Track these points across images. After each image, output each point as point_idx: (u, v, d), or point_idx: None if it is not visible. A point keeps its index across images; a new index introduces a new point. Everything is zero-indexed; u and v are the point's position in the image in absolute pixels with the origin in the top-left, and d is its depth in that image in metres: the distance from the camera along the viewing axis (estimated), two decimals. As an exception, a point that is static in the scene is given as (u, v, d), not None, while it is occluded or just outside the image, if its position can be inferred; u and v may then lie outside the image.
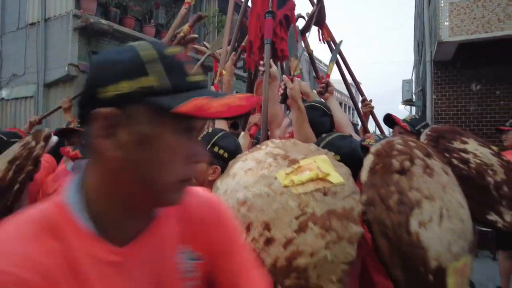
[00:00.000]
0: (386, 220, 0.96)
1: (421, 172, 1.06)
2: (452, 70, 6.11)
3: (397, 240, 0.94)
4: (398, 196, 0.99)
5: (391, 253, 0.93)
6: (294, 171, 1.08)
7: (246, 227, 0.99)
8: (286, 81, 1.60)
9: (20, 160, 1.53)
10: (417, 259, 0.92)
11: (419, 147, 1.17)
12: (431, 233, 0.94)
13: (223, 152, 1.46)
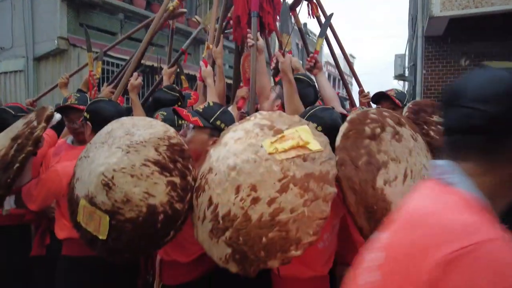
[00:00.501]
0: (354, 177, 1.12)
1: (390, 138, 1.20)
2: (442, 45, 6.18)
3: (363, 193, 1.09)
4: (367, 157, 1.14)
5: (357, 205, 1.09)
6: (278, 140, 1.21)
7: (235, 188, 1.13)
8: (278, 55, 1.69)
9: (21, 139, 1.56)
10: (381, 211, 1.07)
11: (392, 116, 1.30)
12: (395, 190, 1.10)
13: (224, 126, 1.55)
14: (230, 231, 1.10)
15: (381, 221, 1.07)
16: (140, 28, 3.38)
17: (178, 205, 1.28)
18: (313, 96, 1.87)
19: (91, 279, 1.70)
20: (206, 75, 2.12)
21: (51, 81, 7.01)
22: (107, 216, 1.28)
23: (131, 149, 1.32)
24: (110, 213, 1.27)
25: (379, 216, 1.08)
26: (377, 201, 1.09)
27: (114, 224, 1.27)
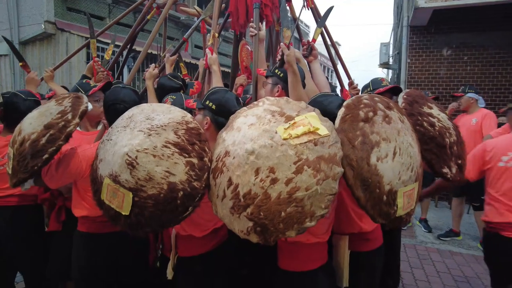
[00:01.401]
0: (351, 155, 1.28)
1: (381, 120, 1.37)
2: (426, 35, 6.41)
3: (359, 169, 1.26)
4: (362, 138, 1.31)
5: (355, 179, 1.26)
6: (291, 126, 1.35)
7: (255, 171, 1.26)
8: (283, 48, 1.82)
9: (54, 131, 1.56)
10: (374, 183, 1.25)
11: (381, 101, 1.46)
12: (386, 165, 1.28)
13: (212, 105, 1.68)
14: (252, 208, 1.24)
15: (374, 192, 1.26)
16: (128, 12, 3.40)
17: (196, 183, 1.38)
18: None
19: (105, 254, 1.82)
20: (212, 62, 2.23)
21: (38, 65, 6.90)
22: (130, 193, 1.36)
23: (152, 132, 1.42)
24: (133, 190, 1.35)
25: (373, 188, 1.26)
26: (371, 175, 1.25)
27: (137, 201, 1.35)
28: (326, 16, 2.52)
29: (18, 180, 1.61)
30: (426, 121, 1.58)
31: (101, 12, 7.62)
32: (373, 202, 1.26)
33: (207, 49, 2.30)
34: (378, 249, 1.76)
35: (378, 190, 1.26)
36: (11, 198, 2.10)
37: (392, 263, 2.13)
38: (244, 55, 2.86)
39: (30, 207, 2.18)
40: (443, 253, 4.01)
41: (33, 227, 2.20)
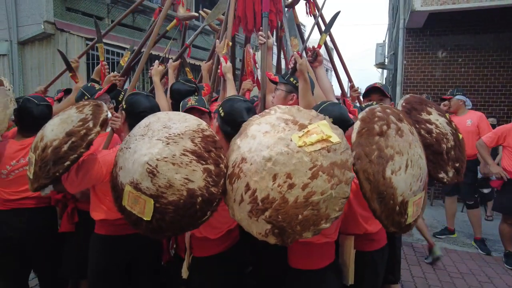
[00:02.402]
0: (369, 169, 1.36)
1: (394, 134, 1.46)
2: (422, 37, 6.54)
3: (376, 182, 1.34)
4: (378, 152, 1.39)
5: (371, 192, 1.35)
6: (305, 134, 1.43)
7: (272, 177, 1.34)
8: (296, 57, 1.91)
9: (76, 138, 1.59)
10: (389, 195, 1.35)
11: (393, 113, 1.55)
12: (399, 178, 1.37)
13: (222, 112, 1.75)
14: (270, 211, 1.32)
15: (389, 204, 1.35)
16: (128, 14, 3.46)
17: (214, 189, 1.44)
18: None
19: (122, 255, 1.90)
20: (226, 71, 2.31)
21: (37, 66, 6.90)
22: (151, 200, 1.41)
23: (170, 140, 1.48)
24: (154, 197, 1.41)
25: (388, 200, 1.35)
26: (387, 188, 1.34)
27: (158, 207, 1.41)
28: (333, 22, 2.58)
29: (39, 185, 1.65)
30: (424, 129, 1.67)
31: (100, 12, 7.62)
32: (387, 213, 1.35)
33: (221, 58, 2.37)
34: (382, 248, 1.86)
35: (392, 201, 1.35)
36: (26, 201, 2.16)
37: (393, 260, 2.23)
38: (248, 59, 2.94)
39: (44, 209, 2.24)
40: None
41: (47, 228, 2.26)
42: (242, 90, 2.79)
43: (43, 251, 2.24)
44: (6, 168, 2.11)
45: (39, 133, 1.76)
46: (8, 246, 2.15)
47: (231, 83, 2.27)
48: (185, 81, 2.54)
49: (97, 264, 1.89)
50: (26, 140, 2.16)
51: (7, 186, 2.14)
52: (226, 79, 2.30)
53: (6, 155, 2.11)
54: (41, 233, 2.20)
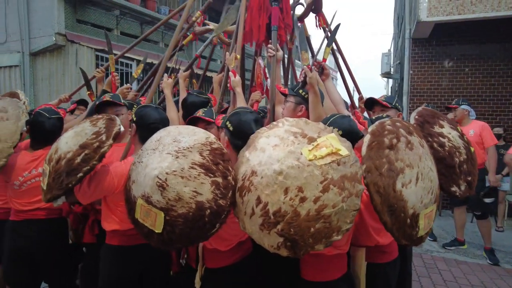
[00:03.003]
0: (379, 182, 1.38)
1: (404, 147, 1.47)
2: (428, 47, 6.57)
3: (386, 195, 1.36)
4: (388, 165, 1.40)
5: (382, 205, 1.36)
6: (315, 148, 1.45)
7: (284, 190, 1.35)
8: (306, 70, 1.94)
9: (89, 151, 1.63)
10: (400, 208, 1.36)
11: (403, 126, 1.56)
12: (410, 191, 1.38)
13: (230, 126, 1.77)
14: (282, 224, 1.33)
15: (400, 216, 1.36)
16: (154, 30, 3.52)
17: (222, 201, 1.46)
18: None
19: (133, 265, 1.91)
20: (235, 85, 2.34)
21: (48, 76, 7.03)
22: (162, 213, 1.44)
23: (179, 154, 1.51)
24: (165, 210, 1.44)
25: (398, 213, 1.36)
26: (397, 201, 1.35)
27: (168, 219, 1.44)
28: (334, 34, 2.61)
29: (52, 196, 1.69)
30: (436, 142, 1.68)
31: (109, 24, 7.78)
32: (398, 225, 1.36)
33: (230, 72, 2.41)
34: (393, 261, 1.86)
35: (403, 214, 1.36)
36: (38, 211, 2.19)
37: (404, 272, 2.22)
38: (258, 71, 2.98)
39: (55, 220, 2.27)
40: (449, 261, 4.10)
41: (57, 239, 2.28)
42: (250, 101, 2.81)
43: (53, 261, 2.25)
44: (18, 179, 2.15)
45: (54, 145, 1.80)
46: (20, 255, 2.18)
47: (241, 97, 2.31)
48: (198, 94, 2.60)
49: (109, 275, 1.90)
50: (38, 151, 2.20)
51: (20, 197, 2.17)
52: (236, 93, 2.34)
53: (19, 167, 2.15)
54: (51, 244, 2.22)
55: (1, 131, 2.05)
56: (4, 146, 2.02)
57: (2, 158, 2.02)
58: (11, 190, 2.19)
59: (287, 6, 2.73)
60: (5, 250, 2.22)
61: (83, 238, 2.31)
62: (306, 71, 1.95)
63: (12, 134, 2.07)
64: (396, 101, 2.51)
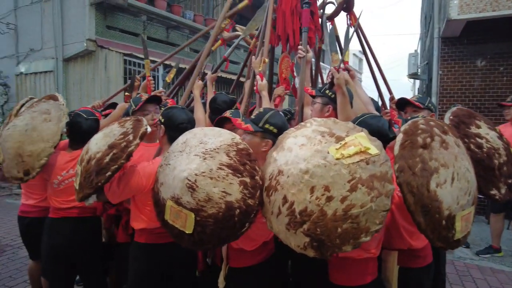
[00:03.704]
0: (412, 182, 1.33)
1: (439, 146, 1.41)
2: (458, 46, 6.31)
3: (419, 195, 1.31)
4: (421, 165, 1.35)
5: (415, 205, 1.31)
6: (342, 147, 1.41)
7: (310, 189, 1.33)
8: (333, 72, 1.91)
9: (117, 150, 1.67)
10: (434, 209, 1.30)
11: (437, 126, 1.50)
12: (445, 191, 1.32)
13: (273, 128, 1.75)
14: (308, 224, 1.31)
15: (434, 217, 1.30)
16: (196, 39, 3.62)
17: (250, 201, 1.46)
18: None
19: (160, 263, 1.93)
20: (262, 88, 2.34)
21: (79, 81, 7.34)
22: (192, 214, 1.46)
23: (207, 155, 1.52)
24: (195, 211, 1.46)
25: (433, 213, 1.30)
26: (431, 201, 1.31)
27: (199, 220, 1.46)
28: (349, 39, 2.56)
29: (84, 195, 1.75)
30: (473, 143, 1.61)
31: (137, 29, 8.01)
32: (432, 226, 1.31)
33: (257, 76, 2.41)
34: (427, 266, 1.78)
35: (438, 215, 1.31)
36: (73, 210, 2.27)
37: (437, 278, 2.12)
38: (284, 67, 2.96)
39: (89, 219, 2.34)
40: (483, 270, 3.89)
41: (90, 236, 2.36)
42: (273, 95, 2.79)
43: (86, 258, 2.33)
44: (57, 178, 2.24)
45: (85, 147, 1.87)
46: (56, 252, 2.27)
47: (266, 100, 2.30)
48: (226, 93, 2.65)
49: (136, 271, 1.94)
50: (76, 152, 2.29)
51: (58, 195, 2.27)
52: (262, 97, 2.33)
53: (58, 166, 2.25)
54: (84, 241, 2.30)
55: (45, 132, 2.16)
56: (46, 146, 2.12)
57: (44, 157, 2.12)
58: (50, 188, 2.29)
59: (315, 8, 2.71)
60: (43, 246, 2.32)
61: (116, 237, 2.38)
62: (333, 72, 1.92)
63: (54, 134, 2.17)
64: (429, 102, 2.43)
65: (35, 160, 2.11)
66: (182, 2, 9.63)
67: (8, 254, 4.13)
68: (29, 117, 2.25)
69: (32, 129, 2.17)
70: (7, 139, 2.22)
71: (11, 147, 2.17)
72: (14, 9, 8.21)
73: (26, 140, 2.14)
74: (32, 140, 2.14)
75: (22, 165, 2.13)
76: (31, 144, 2.13)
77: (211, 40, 2.90)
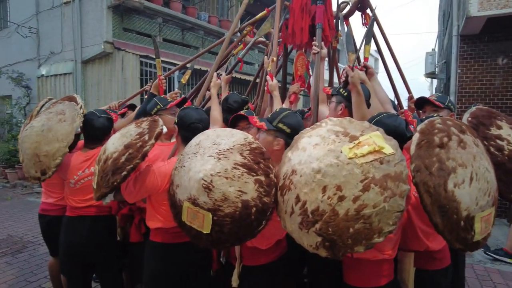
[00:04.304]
0: (429, 182, 1.30)
1: (456, 146, 1.38)
2: (479, 44, 6.13)
3: (437, 195, 1.28)
4: (438, 164, 1.32)
5: (432, 205, 1.28)
6: (356, 146, 1.40)
7: (322, 189, 1.32)
8: (347, 70, 1.89)
9: (133, 150, 1.70)
10: (452, 209, 1.27)
11: (454, 125, 1.47)
12: (463, 191, 1.28)
13: (286, 128, 1.75)
14: (320, 223, 1.30)
15: (452, 218, 1.27)
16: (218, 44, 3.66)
17: (266, 199, 1.48)
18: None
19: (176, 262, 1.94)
20: (273, 88, 2.34)
21: (96, 82, 7.51)
22: (209, 214, 1.48)
23: (221, 156, 1.54)
24: (212, 211, 1.48)
25: (451, 214, 1.27)
26: (449, 201, 1.28)
27: (216, 220, 1.47)
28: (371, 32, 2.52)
29: (101, 194, 1.78)
30: (493, 146, 1.56)
31: (153, 31, 8.14)
32: (450, 227, 1.28)
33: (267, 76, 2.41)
34: (445, 268, 1.74)
35: (456, 216, 1.28)
36: (90, 208, 2.32)
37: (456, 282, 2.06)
38: (299, 65, 2.95)
39: (105, 218, 2.38)
40: (505, 274, 3.76)
41: (106, 235, 2.40)
42: (288, 92, 2.78)
43: (102, 257, 2.37)
44: (73, 177, 2.29)
45: (103, 147, 1.91)
46: (73, 249, 2.32)
47: (278, 100, 2.29)
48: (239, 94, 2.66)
49: (151, 271, 1.96)
50: (91, 151, 2.34)
51: (75, 194, 2.32)
52: (273, 96, 2.33)
53: (74, 166, 2.30)
54: (100, 239, 2.34)
55: (59, 132, 2.21)
56: (60, 146, 2.17)
57: (59, 157, 2.17)
58: (67, 187, 2.35)
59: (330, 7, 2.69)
60: (61, 244, 2.38)
61: (129, 237, 2.39)
62: (347, 70, 1.89)
63: (68, 134, 2.21)
64: (449, 101, 2.37)
65: (51, 160, 2.16)
66: (197, 3, 9.73)
67: (29, 250, 4.27)
68: (45, 118, 2.31)
69: (48, 130, 2.22)
70: (25, 139, 2.29)
71: (29, 148, 2.23)
72: (36, 13, 8.48)
73: (42, 141, 2.19)
74: (48, 140, 2.19)
75: (39, 165, 2.19)
76: (47, 144, 2.18)
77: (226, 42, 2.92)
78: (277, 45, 2.64)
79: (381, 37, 3.01)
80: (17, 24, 8.64)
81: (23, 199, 6.91)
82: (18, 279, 3.49)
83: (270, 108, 2.42)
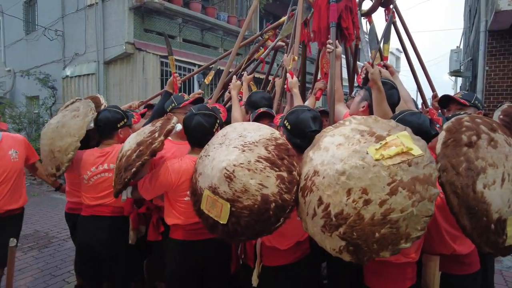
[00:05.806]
0: (456, 182, 1.25)
1: (486, 145, 1.31)
2: (508, 39, 5.87)
3: (465, 197, 1.22)
4: (466, 164, 1.27)
5: (460, 207, 1.23)
6: (383, 147, 1.34)
7: (346, 191, 1.28)
8: (367, 66, 1.84)
9: (143, 147, 1.73)
10: (481, 212, 1.21)
11: (484, 123, 1.40)
12: (494, 193, 1.22)
13: (288, 124, 1.76)
14: (344, 227, 1.26)
15: (481, 220, 1.21)
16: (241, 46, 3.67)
17: (287, 196, 1.45)
18: (396, 97, 2.00)
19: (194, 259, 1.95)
20: (292, 86, 2.33)
21: (118, 83, 7.67)
22: (228, 204, 1.48)
23: (245, 148, 1.54)
24: (231, 201, 1.47)
25: (480, 216, 1.21)
26: (478, 203, 1.22)
27: (234, 211, 1.47)
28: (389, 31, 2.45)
29: (116, 191, 1.84)
30: None
31: (173, 31, 8.24)
32: (479, 230, 1.23)
33: (287, 74, 2.40)
34: (473, 274, 1.66)
35: (486, 218, 1.22)
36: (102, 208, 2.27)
37: (485, 287, 1.97)
38: (325, 62, 2.91)
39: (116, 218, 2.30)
40: (536, 282, 3.59)
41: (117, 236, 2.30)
42: (314, 89, 2.75)
43: (110, 258, 2.29)
44: (87, 173, 2.26)
45: (122, 146, 1.96)
46: (85, 249, 2.29)
47: (298, 98, 2.27)
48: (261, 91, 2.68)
49: (172, 268, 1.98)
50: (106, 148, 2.31)
51: (88, 191, 2.30)
52: (293, 94, 2.31)
53: (87, 161, 2.26)
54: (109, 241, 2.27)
55: (72, 127, 2.23)
56: (72, 140, 2.18)
57: (70, 151, 2.17)
58: (82, 184, 2.33)
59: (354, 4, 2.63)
60: (76, 243, 2.41)
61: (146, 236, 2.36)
62: (367, 67, 1.84)
63: (80, 128, 2.22)
64: (476, 99, 2.27)
65: (63, 155, 2.17)
66: (216, 4, 9.78)
67: (54, 245, 4.41)
68: (61, 116, 2.36)
69: (62, 126, 2.25)
70: (43, 137, 2.34)
71: (45, 144, 2.27)
72: (62, 16, 8.74)
73: (56, 137, 2.22)
74: (61, 136, 2.21)
75: (54, 161, 2.21)
76: (60, 140, 2.20)
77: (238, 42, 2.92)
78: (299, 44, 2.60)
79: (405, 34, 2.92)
80: (44, 27, 8.94)
81: (48, 196, 7.15)
82: (44, 273, 3.60)
83: (289, 106, 2.40)
